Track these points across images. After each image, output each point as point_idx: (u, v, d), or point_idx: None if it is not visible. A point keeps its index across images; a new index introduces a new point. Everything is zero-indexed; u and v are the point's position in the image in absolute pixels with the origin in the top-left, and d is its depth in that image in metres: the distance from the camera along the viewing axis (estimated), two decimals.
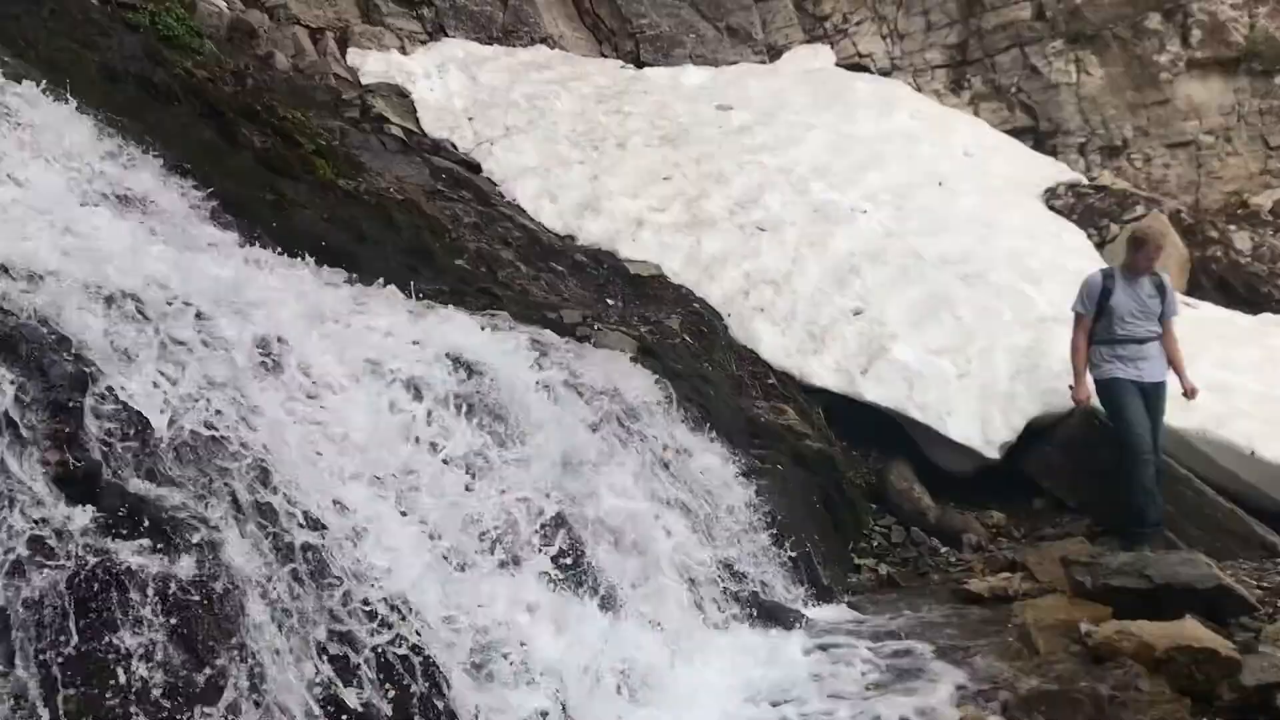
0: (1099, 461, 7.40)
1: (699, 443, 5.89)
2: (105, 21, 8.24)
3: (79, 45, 7.74)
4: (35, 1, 7.74)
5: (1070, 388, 7.46)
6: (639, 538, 4.74)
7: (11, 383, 2.92)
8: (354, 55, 10.16)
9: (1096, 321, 7.32)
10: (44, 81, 6.75)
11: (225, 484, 3.15)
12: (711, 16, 12.36)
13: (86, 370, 2.98)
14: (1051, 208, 11.04)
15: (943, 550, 7.28)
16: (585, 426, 4.99)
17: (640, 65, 11.82)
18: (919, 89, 12.96)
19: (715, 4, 12.41)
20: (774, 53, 12.89)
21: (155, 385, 3.07)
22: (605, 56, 11.84)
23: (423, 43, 10.68)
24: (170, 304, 3.57)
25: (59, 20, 7.81)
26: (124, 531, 2.77)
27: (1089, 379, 7.38)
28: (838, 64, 13.04)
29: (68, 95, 6.70)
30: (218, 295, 4.26)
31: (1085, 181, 11.79)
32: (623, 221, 9.15)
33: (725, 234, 9.16)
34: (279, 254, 6.22)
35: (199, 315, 3.86)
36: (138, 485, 2.92)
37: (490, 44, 11.06)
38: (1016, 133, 12.59)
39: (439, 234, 8.03)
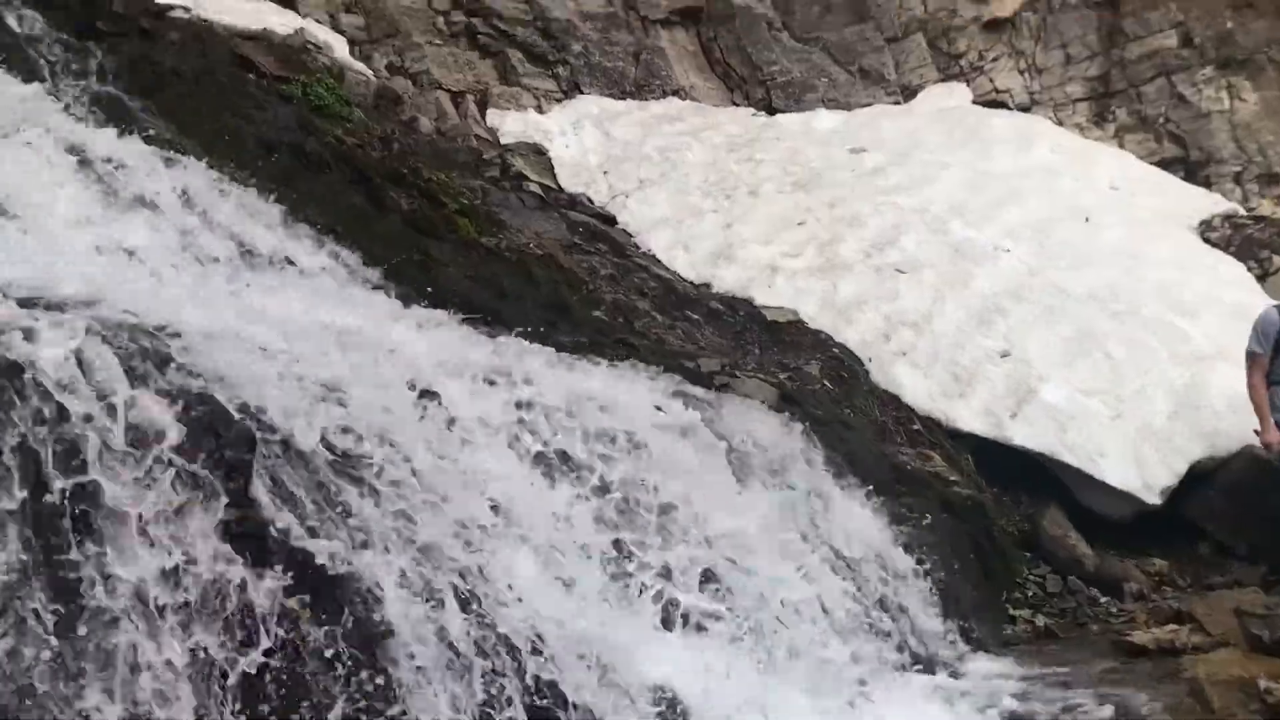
0: (1270, 507, 6.99)
1: (843, 491, 5.81)
2: (261, 95, 8.72)
3: (238, 118, 8.20)
4: (198, 79, 8.25)
5: (1256, 432, 7.04)
6: (780, 582, 4.69)
7: (187, 438, 3.09)
8: (493, 116, 10.48)
9: (1273, 361, 6.91)
10: (207, 154, 7.19)
11: (383, 535, 3.25)
12: (843, 60, 12.33)
13: (256, 427, 3.13)
14: (1207, 240, 10.58)
15: (1102, 600, 6.97)
16: (729, 476, 4.97)
17: (772, 112, 11.85)
18: (1060, 123, 12.64)
19: (847, 48, 12.38)
20: (908, 93, 12.77)
21: (321, 440, 3.19)
22: (736, 105, 11.92)
23: (558, 101, 10.96)
24: (327, 356, 3.72)
25: (220, 95, 8.29)
26: (291, 586, 2.87)
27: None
28: (974, 101, 12.83)
29: (228, 167, 7.13)
30: (371, 353, 4.43)
31: (1243, 212, 11.27)
32: (757, 268, 9.14)
33: (862, 277, 9.06)
34: (427, 311, 6.45)
35: (353, 371, 4.03)
36: (302, 540, 3.03)
37: (623, 99, 11.27)
38: (1165, 164, 12.14)
39: (576, 287, 8.17)
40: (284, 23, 9.66)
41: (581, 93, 11.15)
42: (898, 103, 12.64)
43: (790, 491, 5.28)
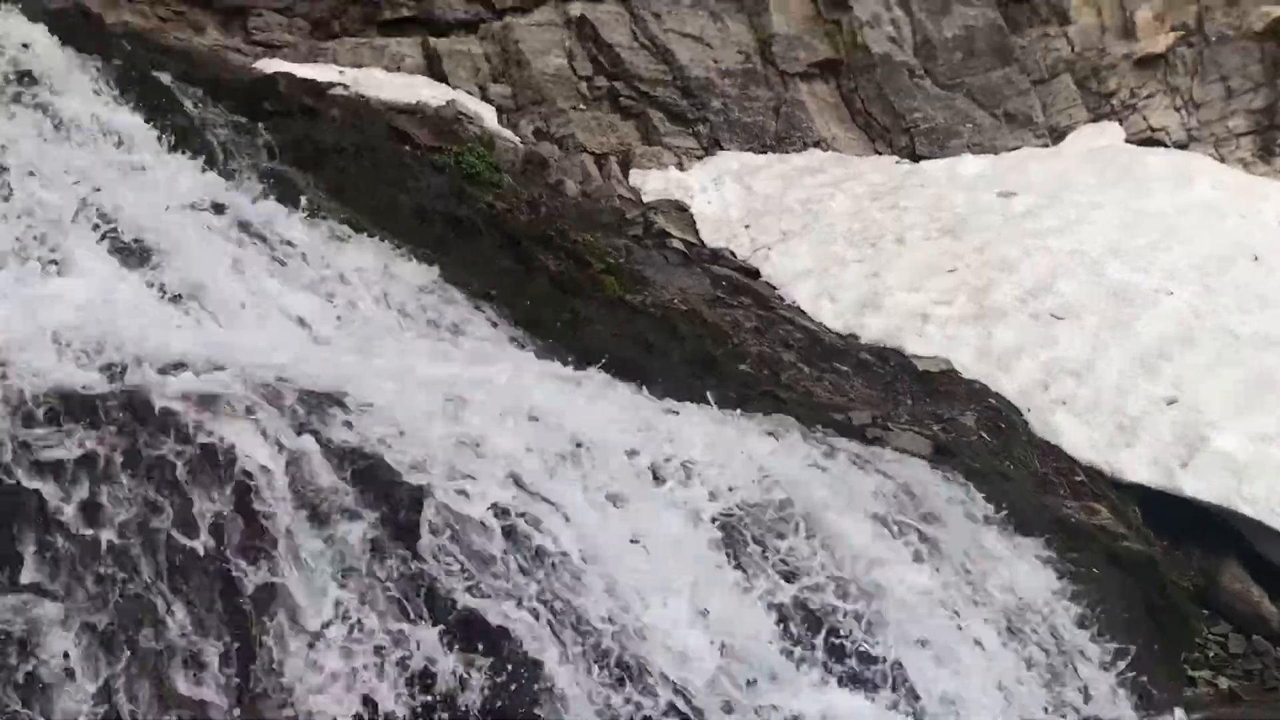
0: None
1: (1005, 546, 5.62)
2: (416, 165, 9.10)
3: (395, 189, 8.57)
4: (358, 153, 8.66)
5: None
6: (945, 648, 4.55)
7: (358, 499, 3.21)
8: (636, 176, 10.66)
9: None
10: (368, 225, 7.53)
11: (543, 596, 3.30)
12: (988, 104, 12.13)
13: (421, 488, 3.23)
14: None
15: None
16: (884, 531, 4.87)
17: (916, 159, 11.72)
18: (1221, 159, 12.12)
19: (991, 91, 12.18)
20: (1056, 135, 12.46)
21: (484, 500, 3.28)
22: (879, 154, 11.83)
23: (699, 158, 11.08)
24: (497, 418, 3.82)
25: (378, 168, 8.68)
26: (457, 644, 2.94)
27: None
28: (1128, 140, 12.42)
29: (387, 236, 7.44)
30: (526, 413, 4.53)
31: None
32: (905, 317, 9.00)
33: (1016, 324, 8.81)
34: (576, 369, 6.57)
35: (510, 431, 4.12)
36: (465, 598, 3.10)
37: (763, 153, 11.31)
38: None
39: (721, 341, 8.19)
40: (436, 95, 10.07)
41: (722, 149, 11.24)
42: (1046, 145, 12.33)
43: (948, 548, 5.14)
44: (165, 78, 8.29)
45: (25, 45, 7.08)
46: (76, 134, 6.51)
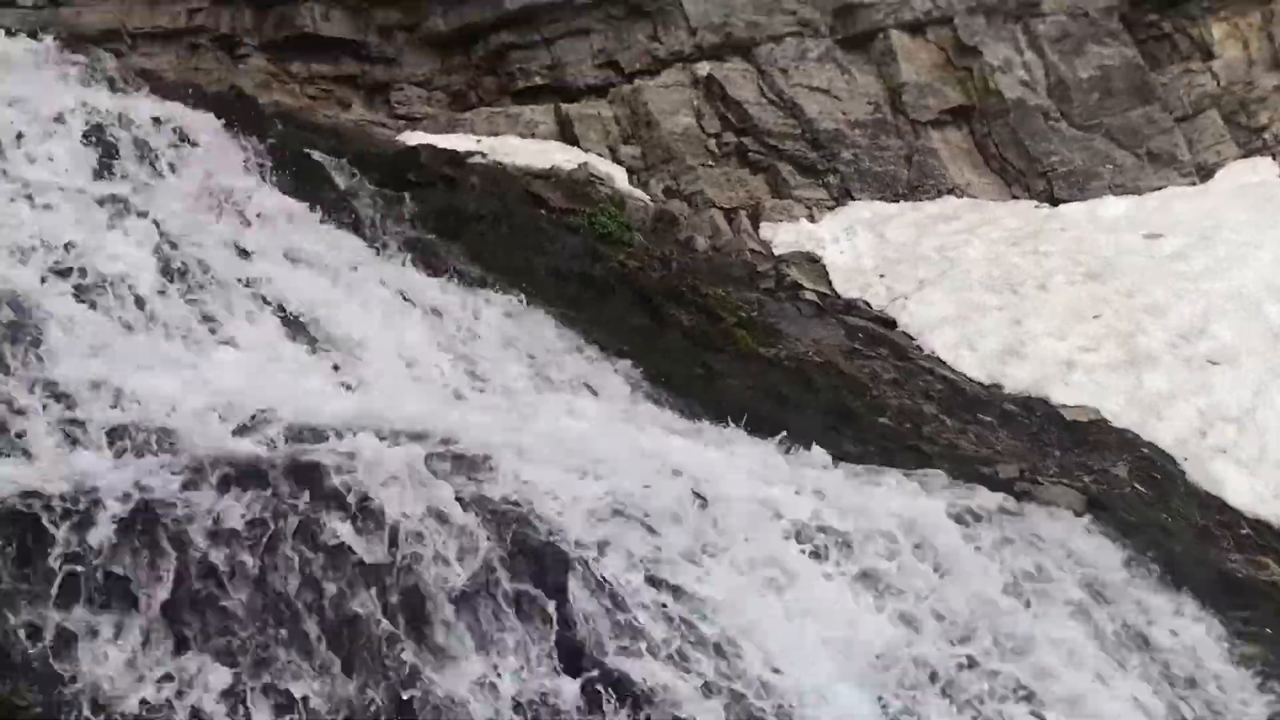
0: None
1: (1165, 603, 5.36)
2: (551, 228, 9.33)
3: (532, 251, 8.80)
4: (495, 219, 8.93)
5: None
6: (1098, 708, 4.36)
7: (505, 564, 3.28)
8: (766, 229, 10.69)
9: None
10: (507, 287, 7.73)
11: (689, 657, 3.29)
12: (1128, 144, 11.78)
13: (568, 552, 3.28)
14: None
15: None
16: (1036, 589, 4.71)
17: (1054, 203, 11.43)
18: None
19: (1132, 131, 11.83)
20: (1204, 173, 12.00)
21: (628, 561, 3.31)
22: (1015, 198, 11.58)
23: (830, 209, 11.04)
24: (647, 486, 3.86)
25: (515, 232, 8.93)
26: (606, 703, 2.96)
27: None
28: None
29: (525, 297, 7.62)
30: (663, 469, 4.56)
31: None
32: (1051, 364, 8.74)
33: (1169, 369, 8.47)
34: (712, 424, 6.58)
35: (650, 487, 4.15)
36: (615, 660, 3.12)
37: (896, 202, 11.21)
38: None
39: (859, 393, 8.08)
40: (569, 159, 10.33)
41: (853, 199, 11.19)
42: (1193, 183, 11.89)
43: (1108, 606, 4.93)
44: (316, 154, 8.74)
45: (188, 127, 7.56)
46: (234, 208, 6.90)
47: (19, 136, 6.41)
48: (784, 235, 10.60)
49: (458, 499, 3.36)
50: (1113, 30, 12.15)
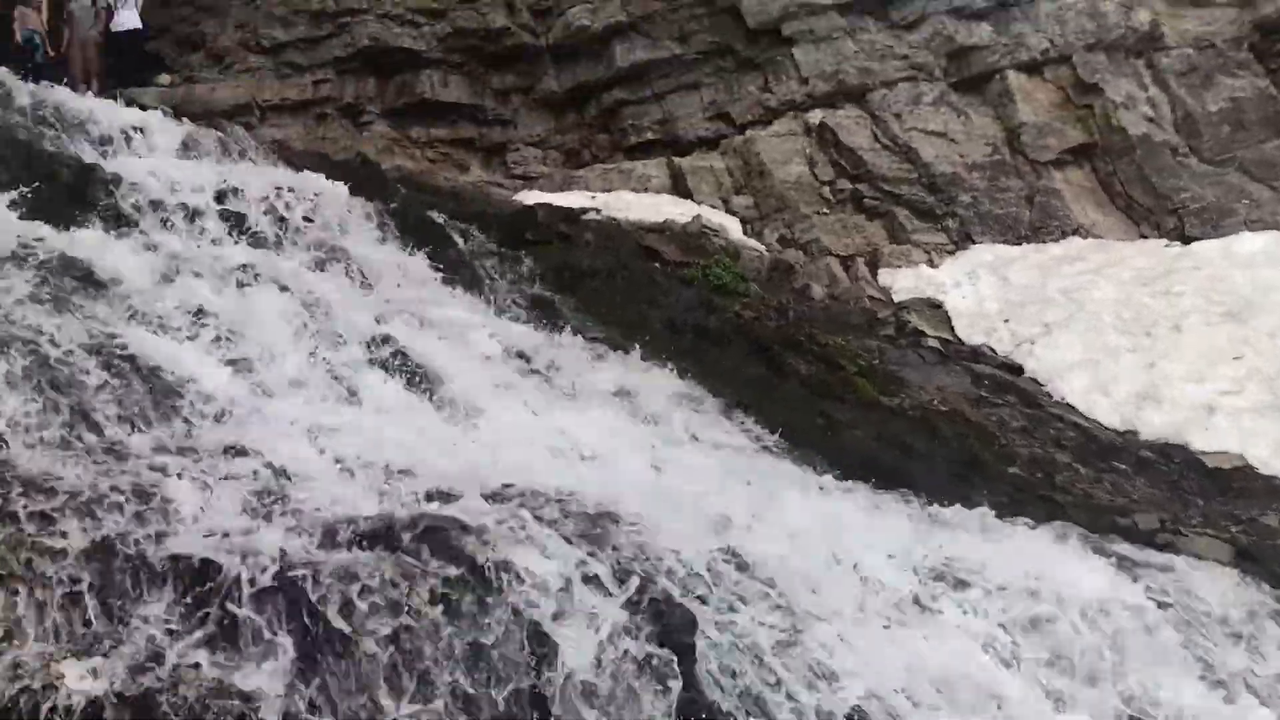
0: None
1: None
2: (666, 281, 9.37)
3: (647, 304, 8.84)
4: (611, 274, 9.02)
5: None
6: None
7: (632, 620, 3.25)
8: (884, 275, 10.54)
9: None
10: (624, 341, 7.77)
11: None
12: (1264, 177, 11.27)
13: (696, 608, 3.24)
14: None
15: None
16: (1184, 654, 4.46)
17: (1185, 240, 11.01)
18: None
19: (1268, 164, 11.33)
20: None
21: (757, 620, 3.25)
22: (1144, 237, 11.19)
23: (950, 253, 10.84)
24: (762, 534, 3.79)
25: (630, 285, 9.00)
26: None
27: None
28: None
29: (642, 350, 7.65)
30: (788, 526, 4.48)
31: None
32: (1190, 409, 8.35)
33: None
34: (835, 477, 6.46)
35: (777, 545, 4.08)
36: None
37: (1018, 244, 10.94)
38: None
39: (987, 442, 7.85)
40: (682, 212, 10.38)
41: (973, 242, 10.96)
42: None
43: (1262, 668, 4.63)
44: (437, 216, 8.99)
45: (316, 194, 7.85)
46: (361, 273, 7.11)
47: (158, 207, 6.75)
48: (903, 281, 10.43)
49: (583, 559, 3.34)
50: (1242, 61, 11.71)
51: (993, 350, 9.63)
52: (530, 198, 10.56)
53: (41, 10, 12.56)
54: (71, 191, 6.55)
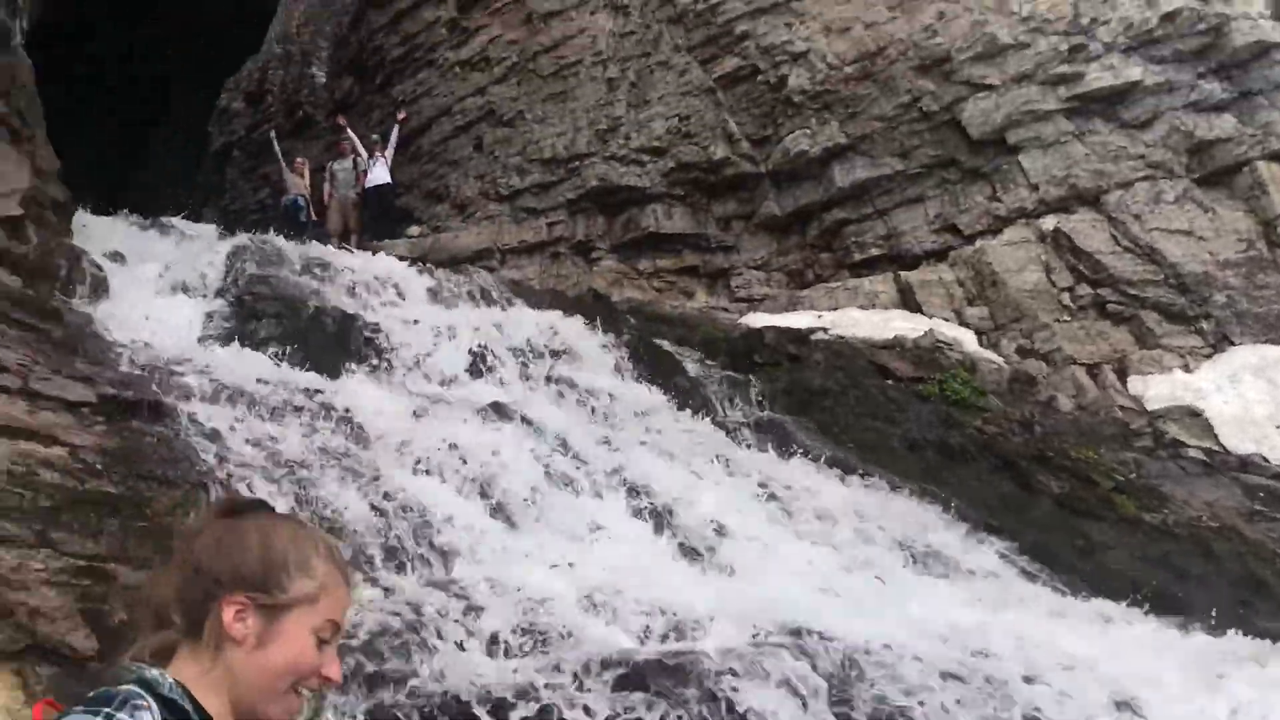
0: None
1: None
2: (900, 397, 9.16)
3: (882, 422, 8.66)
4: (843, 393, 8.91)
5: None
6: None
7: None
8: (1135, 383, 9.95)
9: None
10: (860, 463, 7.62)
11: None
12: None
13: None
14: None
15: None
16: None
17: None
18: None
19: None
20: None
21: None
22: None
23: (1206, 356, 10.13)
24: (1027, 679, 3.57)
25: (863, 404, 8.85)
26: None
27: None
28: None
29: (880, 471, 7.47)
30: (1053, 658, 4.19)
31: None
32: None
33: None
34: (1098, 603, 6.04)
35: (1028, 680, 3.82)
36: None
37: None
38: None
39: (1269, 560, 7.19)
40: (912, 327, 10.20)
41: (1232, 344, 10.22)
42: None
43: None
44: (666, 343, 9.19)
45: (555, 330, 8.19)
46: (600, 405, 7.31)
47: (412, 352, 7.20)
48: (1157, 389, 9.81)
49: (838, 698, 3.23)
50: None
51: (1265, 459, 8.87)
52: (756, 320, 10.64)
53: (304, 175, 13.89)
54: (336, 340, 7.09)
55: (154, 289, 7.53)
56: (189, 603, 1.44)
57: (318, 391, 5.92)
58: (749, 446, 7.49)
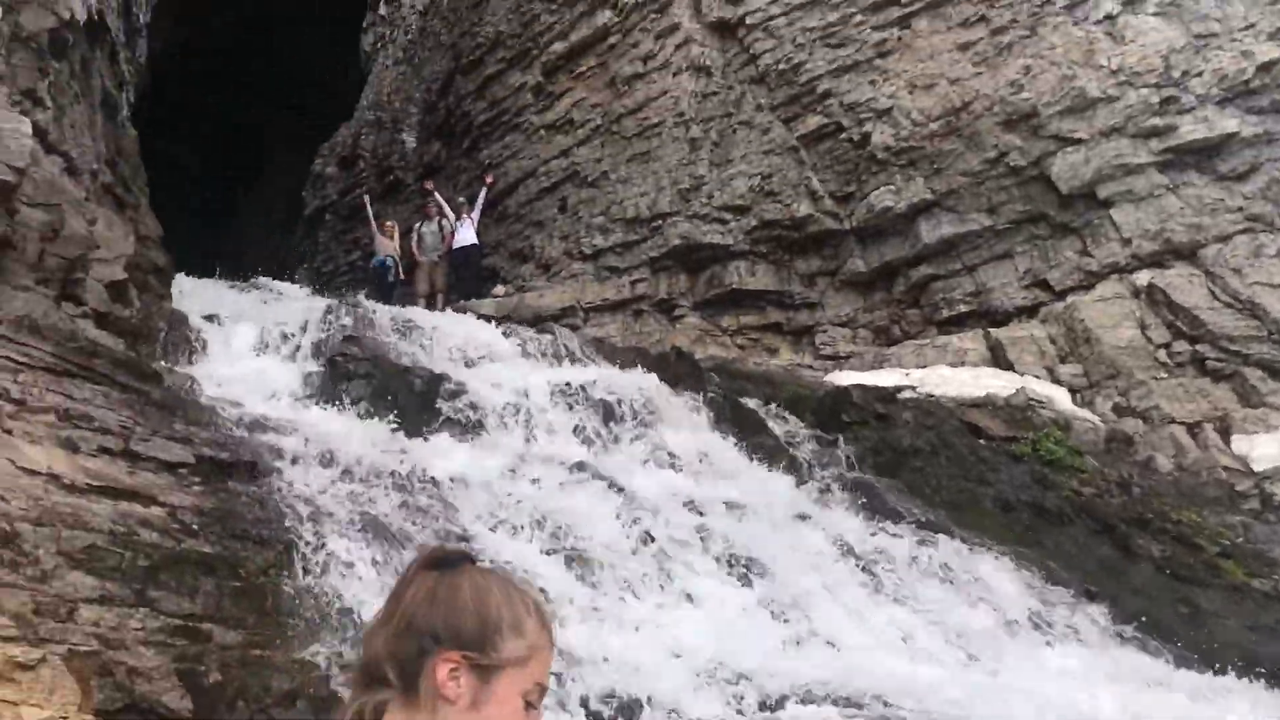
0: None
1: None
2: (992, 457, 8.94)
3: (974, 483, 8.45)
4: (933, 453, 8.72)
5: None
6: None
7: None
8: (1239, 442, 9.57)
9: None
10: (952, 524, 7.44)
11: None
12: None
13: None
14: None
15: None
16: None
17: None
18: None
19: None
20: None
21: None
22: None
23: None
24: None
25: (954, 464, 8.65)
26: None
27: None
28: None
29: (973, 534, 7.28)
30: None
31: None
32: None
33: None
34: (1204, 674, 5.79)
35: None
36: None
37: None
38: None
39: None
40: (1004, 384, 9.98)
41: None
42: None
43: None
44: (750, 402, 9.11)
45: (639, 389, 8.18)
46: (684, 465, 7.26)
47: (498, 411, 7.24)
48: (1263, 448, 9.43)
49: None
50: None
51: None
52: (842, 378, 10.50)
53: (393, 237, 14.20)
54: (424, 400, 7.16)
55: (248, 350, 7.71)
56: (403, 659, 1.42)
57: (406, 451, 5.97)
58: (838, 508, 7.37)
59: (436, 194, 13.99)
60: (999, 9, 11.15)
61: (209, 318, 8.03)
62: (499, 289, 13.49)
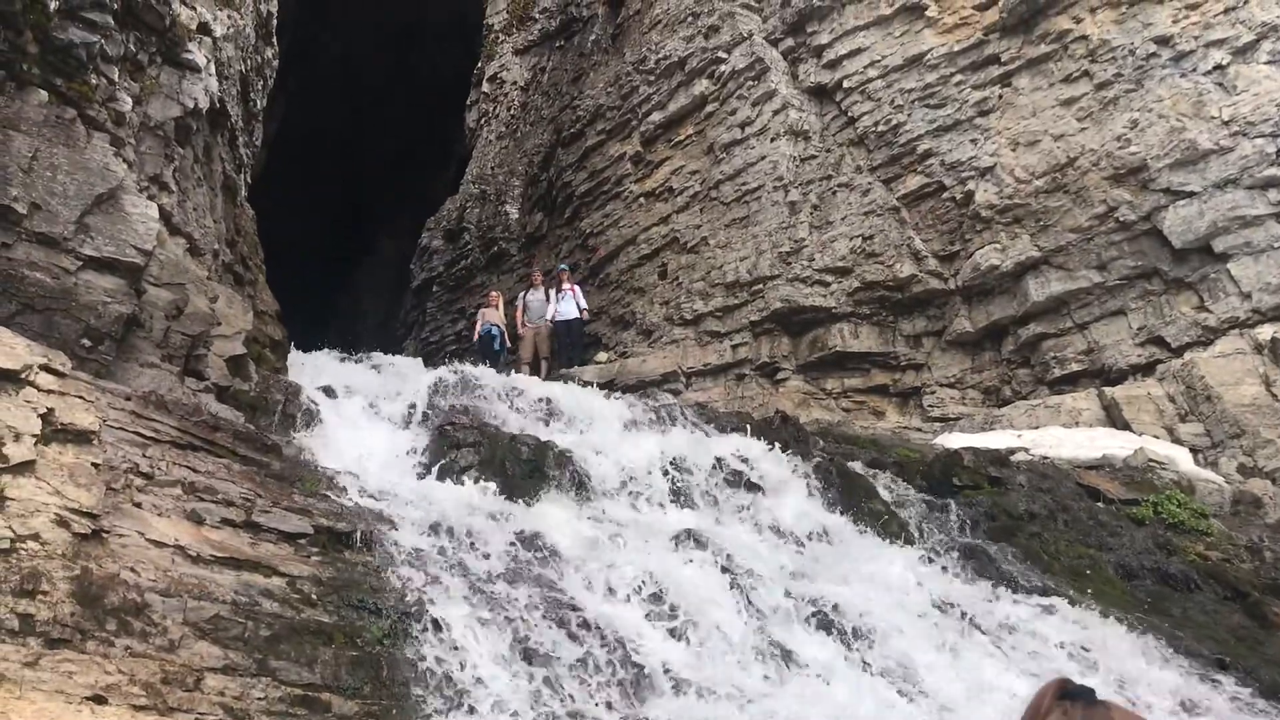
0: None
1: None
2: (1112, 521, 8.62)
3: (1093, 548, 8.15)
4: (1050, 517, 8.46)
5: None
6: None
7: None
8: None
9: None
10: (1072, 592, 7.18)
11: None
12: None
13: None
14: None
15: None
16: None
17: None
18: None
19: None
20: None
21: None
22: None
23: None
24: None
25: (1071, 528, 8.37)
26: None
27: None
28: None
29: (1094, 602, 7.01)
30: None
31: None
32: None
33: None
34: None
35: None
36: None
37: None
38: None
39: None
40: (1121, 445, 9.67)
41: None
42: None
43: None
44: (857, 466, 8.97)
45: (743, 455, 8.13)
46: (791, 531, 7.18)
47: (604, 478, 7.27)
48: None
49: None
50: None
51: None
52: (952, 441, 10.29)
53: (499, 307, 14.49)
54: (531, 467, 7.24)
55: (361, 420, 7.90)
56: None
57: (513, 517, 6.03)
58: (951, 575, 7.18)
59: (538, 263, 14.28)
60: (1102, 64, 11.00)
61: (324, 390, 8.26)
62: (601, 355, 13.63)
